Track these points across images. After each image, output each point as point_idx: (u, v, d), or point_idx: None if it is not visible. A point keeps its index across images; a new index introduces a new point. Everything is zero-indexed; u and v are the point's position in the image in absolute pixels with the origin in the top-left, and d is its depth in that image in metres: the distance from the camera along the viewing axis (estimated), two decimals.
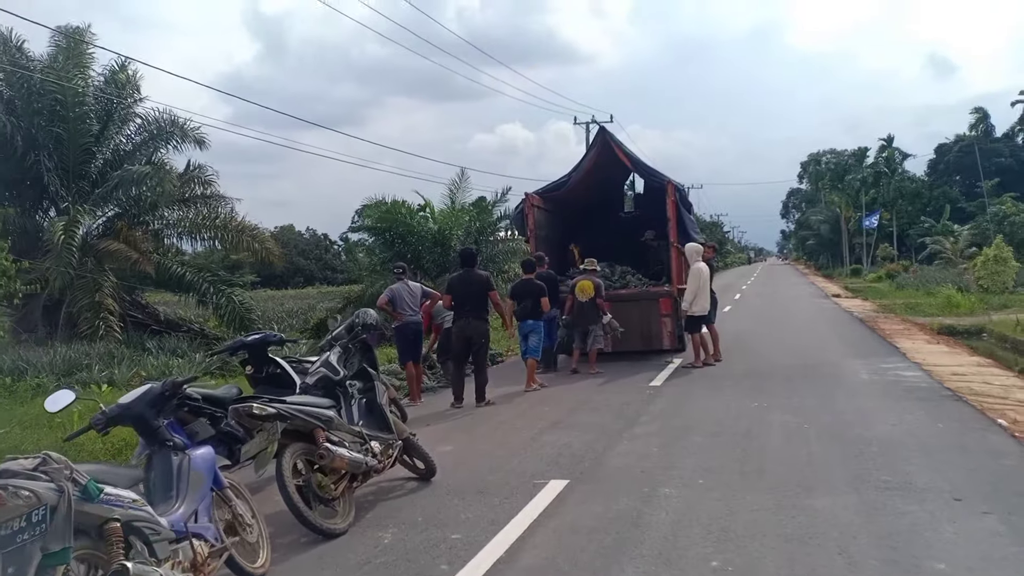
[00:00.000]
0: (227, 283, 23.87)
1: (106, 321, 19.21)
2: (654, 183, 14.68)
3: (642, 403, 9.89)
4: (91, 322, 19.07)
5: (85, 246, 20.49)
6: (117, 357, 17.93)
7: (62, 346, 18.24)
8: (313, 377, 6.09)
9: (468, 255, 10.79)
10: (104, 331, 18.98)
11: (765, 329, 19.20)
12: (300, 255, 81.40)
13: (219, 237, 23.28)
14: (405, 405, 10.46)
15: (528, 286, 11.89)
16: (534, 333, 11.77)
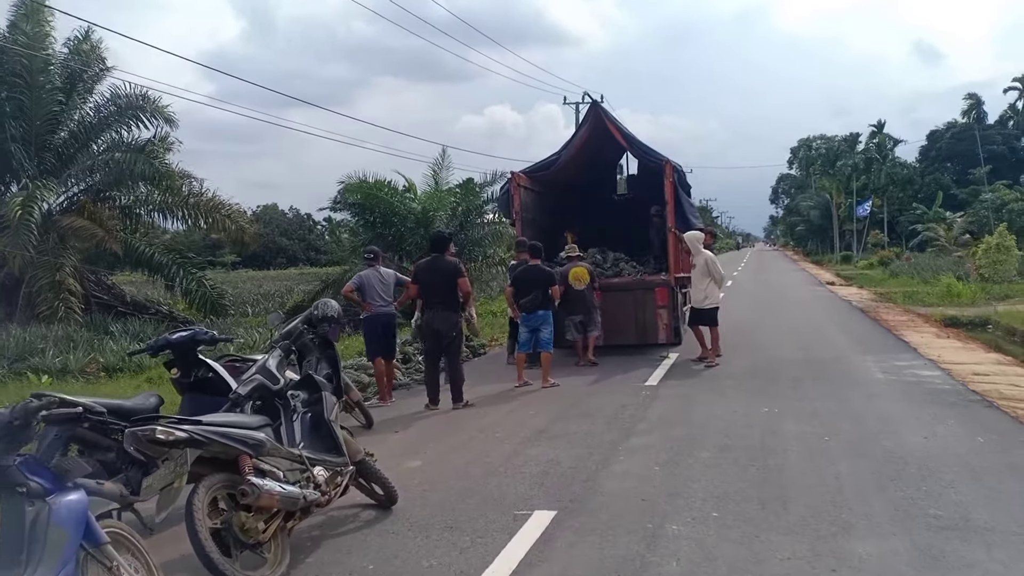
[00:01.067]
0: (197, 265, 22.85)
1: (66, 302, 18.22)
2: (650, 163, 13.57)
3: (638, 407, 8.83)
4: (51, 303, 18.04)
5: (47, 222, 19.45)
6: (76, 341, 16.89)
7: (17, 328, 17.20)
8: (246, 386, 4.96)
9: (438, 239, 9.63)
10: (64, 313, 17.96)
11: (763, 319, 18.19)
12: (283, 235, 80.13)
13: (190, 215, 22.01)
14: (374, 406, 9.45)
15: (537, 274, 10.83)
16: (546, 325, 10.69)
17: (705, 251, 12.02)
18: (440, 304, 9.24)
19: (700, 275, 11.87)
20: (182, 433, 4.05)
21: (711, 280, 11.84)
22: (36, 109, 19.43)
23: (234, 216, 22.55)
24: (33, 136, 19.67)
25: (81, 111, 21.48)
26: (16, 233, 17.29)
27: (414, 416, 8.97)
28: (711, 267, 11.83)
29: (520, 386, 10.38)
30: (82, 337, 17.06)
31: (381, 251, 10.51)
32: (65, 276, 18.39)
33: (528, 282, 10.76)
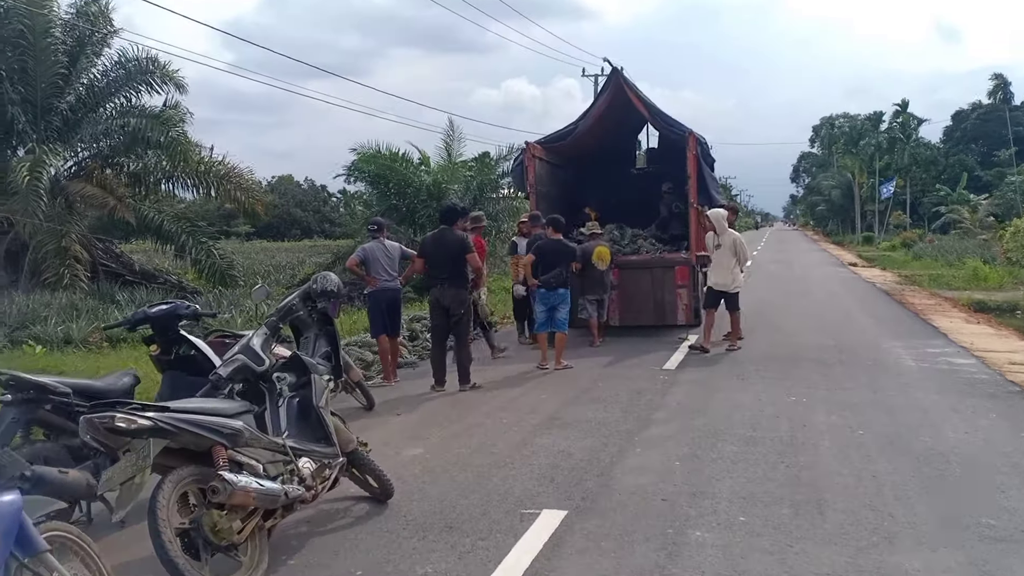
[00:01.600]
0: (207, 234, 22.44)
1: (72, 270, 17.85)
2: (672, 134, 12.95)
3: (656, 393, 8.31)
4: (56, 270, 17.67)
5: (54, 188, 19.08)
6: (80, 310, 16.53)
7: (21, 295, 16.87)
8: (227, 367, 4.47)
9: (447, 211, 9.16)
10: (69, 281, 17.58)
11: (785, 301, 17.59)
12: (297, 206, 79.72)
13: (200, 184, 21.54)
14: (377, 385, 8.99)
15: (561, 248, 10.30)
16: (564, 304, 10.18)
17: (732, 230, 11.28)
18: (447, 280, 8.76)
19: (727, 255, 10.98)
20: (145, 421, 3.58)
21: (736, 261, 11.06)
22: (40, 72, 18.93)
23: (245, 186, 22.07)
24: (38, 99, 19.22)
25: (89, 75, 21.02)
26: (25, 198, 16.90)
27: (418, 398, 8.49)
28: (739, 248, 11.05)
29: (541, 368, 9.91)
30: (87, 305, 16.69)
31: (386, 223, 9.98)
32: (72, 243, 18.00)
33: (553, 255, 10.19)
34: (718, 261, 11.06)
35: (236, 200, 22.03)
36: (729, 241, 10.98)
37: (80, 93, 20.74)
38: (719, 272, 11.04)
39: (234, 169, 21.82)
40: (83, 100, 20.65)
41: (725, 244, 10.96)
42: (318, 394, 4.78)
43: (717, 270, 11.07)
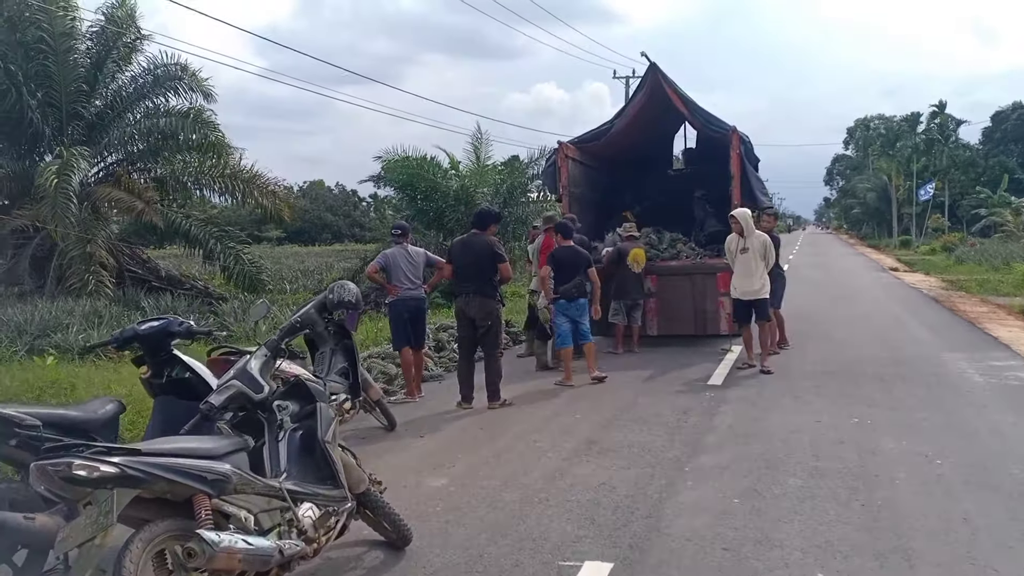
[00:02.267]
0: (236, 239, 22.08)
1: (97, 276, 17.54)
2: (713, 132, 12.22)
3: (703, 413, 7.61)
4: (81, 276, 17.35)
5: (81, 192, 18.84)
6: (103, 317, 16.19)
7: (44, 302, 16.57)
8: (220, 395, 3.87)
9: (479, 215, 8.56)
10: (94, 287, 17.25)
11: (831, 307, 16.76)
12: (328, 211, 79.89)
13: (227, 188, 21.18)
14: (400, 402, 8.38)
15: (576, 256, 9.49)
16: (585, 314, 9.51)
17: (759, 232, 10.07)
18: (473, 289, 8.15)
19: (754, 260, 9.81)
20: (110, 468, 2.97)
21: (765, 265, 9.91)
22: (64, 77, 18.66)
23: (272, 190, 21.70)
24: (63, 104, 18.95)
25: (117, 80, 20.80)
26: (53, 202, 16.60)
27: (444, 416, 7.86)
28: (768, 252, 9.91)
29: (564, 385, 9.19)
30: (111, 312, 16.32)
31: (410, 227, 9.35)
32: (97, 248, 17.69)
33: (571, 265, 9.38)
34: (744, 266, 9.90)
35: (263, 205, 21.65)
36: (758, 244, 9.87)
37: (108, 98, 20.50)
38: (745, 278, 9.90)
39: (260, 174, 21.55)
40: (111, 105, 20.40)
41: (753, 247, 9.84)
42: (324, 426, 4.15)
43: (743, 277, 9.93)
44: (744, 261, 9.87)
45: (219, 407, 3.85)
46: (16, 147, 19.11)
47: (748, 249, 9.83)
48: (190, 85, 20.84)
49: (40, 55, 18.22)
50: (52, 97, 18.71)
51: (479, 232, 8.29)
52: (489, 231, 8.33)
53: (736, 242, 9.94)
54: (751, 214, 10.30)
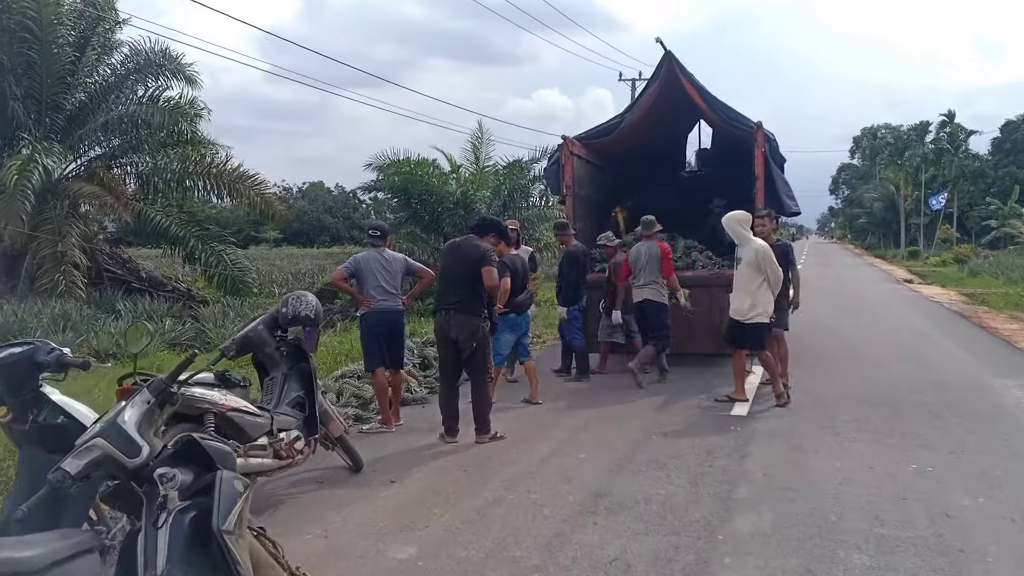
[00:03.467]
0: (218, 239, 20.98)
1: (69, 276, 16.41)
2: (735, 129, 11.03)
3: (730, 453, 6.40)
4: (51, 276, 16.26)
5: (56, 189, 17.79)
6: (73, 320, 15.09)
7: (14, 304, 15.50)
8: (80, 459, 2.70)
9: (482, 222, 7.38)
10: (65, 288, 16.11)
11: (852, 322, 15.59)
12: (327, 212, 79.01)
13: (212, 186, 20.05)
14: (375, 431, 7.22)
15: (520, 264, 8.63)
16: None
17: (755, 239, 8.31)
18: (456, 303, 6.87)
19: (749, 272, 8.15)
20: None
21: (763, 281, 8.13)
22: (47, 67, 17.62)
23: (260, 189, 20.61)
24: (43, 96, 17.92)
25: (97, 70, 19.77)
26: (11, 199, 15.53)
27: (422, 453, 6.63)
28: (764, 262, 8.06)
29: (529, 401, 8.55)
30: (83, 316, 15.29)
31: (391, 229, 8.12)
32: (69, 247, 16.64)
33: (521, 275, 8.51)
34: (735, 281, 8.39)
35: (251, 203, 20.57)
36: (751, 253, 8.10)
37: (89, 88, 19.45)
38: (734, 295, 8.36)
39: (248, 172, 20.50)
40: (91, 95, 19.34)
41: (746, 258, 8.15)
42: (225, 507, 2.81)
43: (735, 292, 8.37)
44: (737, 274, 8.37)
45: (75, 477, 2.67)
46: None
47: (741, 260, 8.26)
48: (173, 72, 19.90)
49: (24, 44, 17.21)
50: (34, 88, 17.71)
51: (474, 236, 7.09)
52: (487, 239, 7.12)
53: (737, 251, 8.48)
54: (747, 218, 8.48)
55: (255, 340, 5.42)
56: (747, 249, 8.17)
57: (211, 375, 4.94)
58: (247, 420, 4.91)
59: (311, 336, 5.52)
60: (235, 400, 4.90)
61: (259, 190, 20.52)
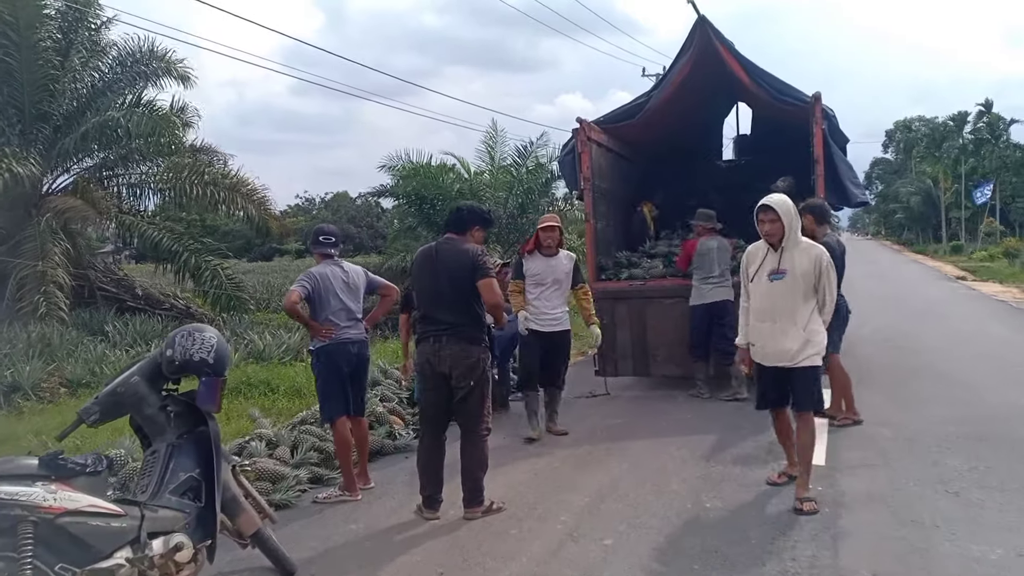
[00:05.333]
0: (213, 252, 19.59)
1: (50, 297, 15.01)
2: (784, 106, 9.16)
3: (817, 537, 4.50)
4: (31, 298, 14.92)
5: (41, 204, 16.53)
6: (53, 345, 13.71)
7: None
8: None
9: (458, 215, 5.45)
10: (45, 310, 14.72)
11: (918, 328, 13.62)
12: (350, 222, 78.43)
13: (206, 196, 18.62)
14: (334, 501, 5.51)
15: None
16: None
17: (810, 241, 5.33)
18: (448, 328, 5.11)
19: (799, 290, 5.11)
20: None
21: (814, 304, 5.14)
22: (27, 72, 16.33)
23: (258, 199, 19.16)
24: (26, 104, 16.61)
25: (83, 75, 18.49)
26: None
27: (390, 537, 4.82)
28: (825, 276, 5.09)
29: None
30: (63, 340, 13.90)
31: (340, 234, 6.20)
32: (52, 265, 15.27)
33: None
34: (772, 302, 5.17)
35: (248, 215, 19.15)
36: (807, 263, 5.09)
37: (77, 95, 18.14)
38: (777, 327, 5.12)
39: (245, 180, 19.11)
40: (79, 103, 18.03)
41: (796, 268, 5.09)
42: None
43: (770, 323, 5.17)
44: (772, 293, 5.16)
45: None
46: None
47: (785, 273, 5.11)
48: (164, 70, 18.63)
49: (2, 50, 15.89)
50: (15, 97, 16.42)
51: (454, 237, 5.32)
52: (472, 237, 5.38)
53: (760, 257, 5.27)
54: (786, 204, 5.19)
55: (128, 398, 3.73)
56: (797, 254, 5.12)
57: (34, 461, 3.28)
58: (92, 527, 3.24)
59: (211, 389, 3.82)
60: (72, 498, 3.23)
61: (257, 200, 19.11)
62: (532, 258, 7.29)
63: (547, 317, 7.18)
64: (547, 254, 7.26)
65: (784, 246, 5.12)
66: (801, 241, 5.18)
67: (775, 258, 5.14)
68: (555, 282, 7.21)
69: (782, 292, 5.11)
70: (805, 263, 5.08)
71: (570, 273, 7.29)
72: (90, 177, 18.10)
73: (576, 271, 7.35)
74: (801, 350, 5.06)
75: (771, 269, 5.14)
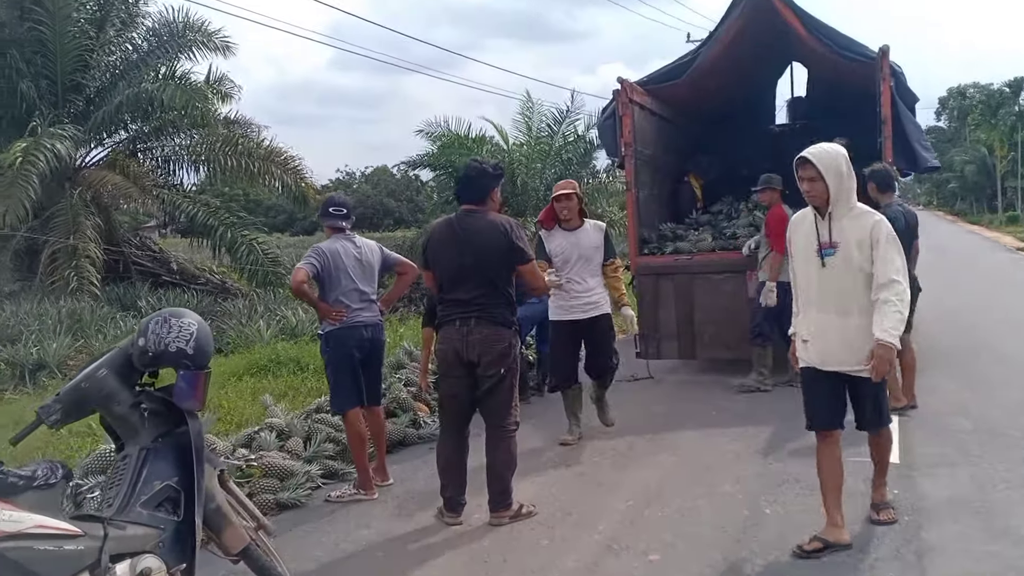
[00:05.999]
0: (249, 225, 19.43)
1: (82, 272, 14.86)
2: (847, 62, 8.37)
3: (899, 556, 3.84)
4: (62, 273, 14.82)
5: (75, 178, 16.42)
6: (83, 321, 13.60)
7: (11, 305, 14.15)
8: None
9: (467, 179, 4.72)
10: (76, 284, 14.61)
11: (985, 303, 12.77)
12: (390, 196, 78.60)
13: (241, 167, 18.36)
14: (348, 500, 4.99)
15: None
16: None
17: (868, 210, 4.11)
18: (477, 310, 4.51)
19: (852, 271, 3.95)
20: None
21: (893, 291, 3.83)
22: (60, 43, 16.07)
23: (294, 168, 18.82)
24: (59, 75, 16.44)
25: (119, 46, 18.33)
26: (11, 184, 14.08)
27: (406, 545, 4.30)
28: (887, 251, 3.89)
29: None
30: (95, 316, 13.81)
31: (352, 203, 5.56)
32: (83, 239, 15.14)
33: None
34: (826, 286, 4.03)
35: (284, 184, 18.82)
36: (863, 234, 3.94)
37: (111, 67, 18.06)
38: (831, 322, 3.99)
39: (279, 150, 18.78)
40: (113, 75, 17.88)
41: (848, 245, 3.94)
42: None
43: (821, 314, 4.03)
44: (825, 274, 4.02)
45: None
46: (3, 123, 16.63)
47: (836, 247, 3.97)
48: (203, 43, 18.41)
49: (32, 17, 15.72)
50: (48, 68, 16.28)
51: (475, 208, 4.65)
52: (492, 204, 4.71)
53: (804, 228, 4.15)
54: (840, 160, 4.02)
55: (93, 394, 3.20)
56: (848, 223, 3.98)
57: None
58: (38, 552, 2.73)
59: (191, 384, 3.27)
60: (13, 518, 2.72)
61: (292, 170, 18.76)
62: (553, 234, 6.23)
63: (579, 302, 6.10)
64: (569, 227, 6.17)
65: (832, 212, 3.95)
66: (856, 207, 4.01)
67: (824, 227, 3.98)
68: (582, 259, 6.12)
69: (840, 272, 3.94)
70: (858, 233, 3.92)
71: (600, 247, 6.20)
72: (123, 150, 17.97)
73: (607, 242, 6.28)
74: (863, 349, 3.86)
75: (820, 244, 3.98)
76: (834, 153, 4.01)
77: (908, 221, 6.23)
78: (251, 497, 4.72)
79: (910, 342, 6.43)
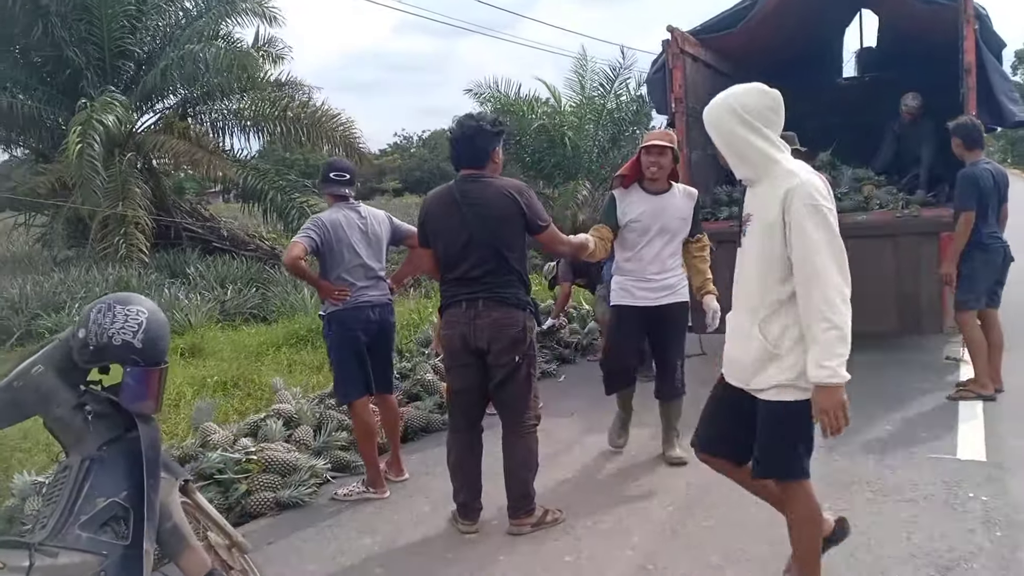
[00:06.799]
0: (301, 189, 19.14)
1: (130, 239, 14.80)
2: (924, 5, 7.48)
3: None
4: (111, 239, 14.78)
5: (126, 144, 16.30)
6: (131, 288, 13.46)
7: (57, 273, 14.18)
8: None
9: (463, 139, 4.03)
10: (125, 251, 14.54)
11: None
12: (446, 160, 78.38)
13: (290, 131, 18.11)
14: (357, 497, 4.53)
15: None
16: None
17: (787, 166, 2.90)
18: (484, 290, 3.96)
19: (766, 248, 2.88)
20: None
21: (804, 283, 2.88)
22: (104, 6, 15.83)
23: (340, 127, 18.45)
24: (105, 40, 16.29)
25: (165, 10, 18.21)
26: (78, 170, 14.00)
27: (410, 559, 3.81)
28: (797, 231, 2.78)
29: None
30: (143, 282, 13.71)
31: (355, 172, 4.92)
32: (133, 207, 15.03)
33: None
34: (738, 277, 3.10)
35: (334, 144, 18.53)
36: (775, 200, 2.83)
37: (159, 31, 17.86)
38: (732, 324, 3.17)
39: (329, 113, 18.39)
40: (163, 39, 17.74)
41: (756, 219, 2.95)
42: None
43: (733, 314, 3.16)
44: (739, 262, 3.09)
45: None
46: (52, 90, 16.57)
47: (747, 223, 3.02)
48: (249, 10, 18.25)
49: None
50: (92, 32, 16.03)
51: (476, 173, 4.03)
52: (494, 165, 4.09)
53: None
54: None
55: (28, 395, 2.76)
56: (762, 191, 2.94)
57: None
58: None
59: (141, 382, 2.81)
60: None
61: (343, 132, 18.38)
62: (630, 194, 4.93)
63: (653, 285, 4.89)
64: (653, 189, 4.91)
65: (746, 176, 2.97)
66: (780, 168, 2.85)
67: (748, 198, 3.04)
68: (664, 231, 4.87)
69: (748, 258, 2.99)
70: (770, 203, 2.83)
71: (688, 218, 4.94)
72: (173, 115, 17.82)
73: (695, 214, 5.02)
74: (760, 368, 2.92)
75: (742, 217, 3.05)
76: (715, 105, 3.08)
77: (997, 180, 5.61)
78: (249, 495, 4.31)
79: (997, 318, 5.73)
